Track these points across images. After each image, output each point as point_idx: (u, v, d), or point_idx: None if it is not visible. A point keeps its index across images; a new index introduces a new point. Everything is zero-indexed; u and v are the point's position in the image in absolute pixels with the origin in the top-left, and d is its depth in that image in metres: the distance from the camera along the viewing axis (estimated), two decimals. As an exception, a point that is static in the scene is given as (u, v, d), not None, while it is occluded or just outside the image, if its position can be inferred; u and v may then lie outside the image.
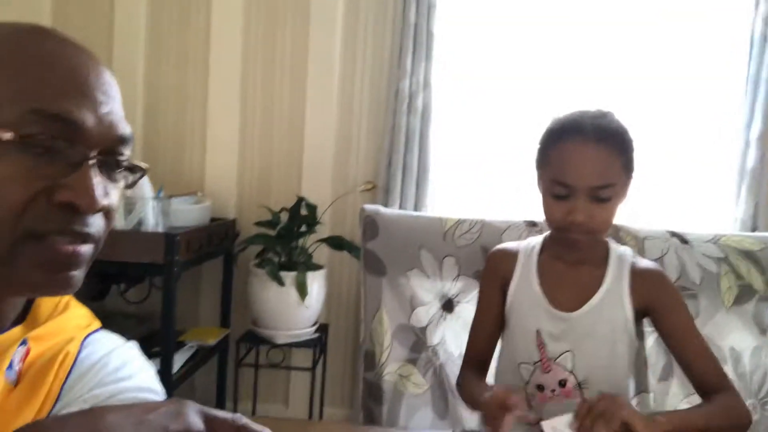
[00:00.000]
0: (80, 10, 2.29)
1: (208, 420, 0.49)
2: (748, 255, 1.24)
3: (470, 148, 2.27)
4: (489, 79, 2.24)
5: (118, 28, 2.29)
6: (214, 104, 2.31)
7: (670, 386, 1.20)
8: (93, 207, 0.50)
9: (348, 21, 2.26)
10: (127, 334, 0.66)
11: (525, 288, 1.04)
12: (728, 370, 1.19)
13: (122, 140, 0.54)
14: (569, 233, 0.97)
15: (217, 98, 2.31)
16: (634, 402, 1.16)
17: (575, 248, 1.00)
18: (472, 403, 1.01)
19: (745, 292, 1.21)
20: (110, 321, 0.67)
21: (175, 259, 1.74)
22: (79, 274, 0.52)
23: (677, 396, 1.17)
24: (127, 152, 0.55)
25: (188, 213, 2.01)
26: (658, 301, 1.02)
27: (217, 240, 2.09)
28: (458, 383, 1.10)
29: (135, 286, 2.22)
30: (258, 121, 2.31)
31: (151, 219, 1.81)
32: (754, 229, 2.11)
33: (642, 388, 1.18)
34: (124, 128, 0.54)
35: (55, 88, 0.50)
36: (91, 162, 0.51)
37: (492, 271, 1.10)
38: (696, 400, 1.08)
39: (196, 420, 0.48)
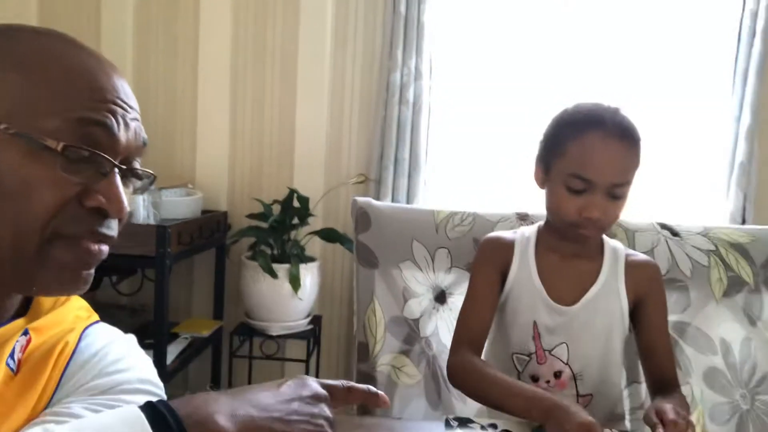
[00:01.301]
0: (66, 2, 2.26)
1: (324, 387, 0.55)
2: (738, 247, 1.25)
3: (462, 140, 2.27)
4: (481, 70, 2.24)
5: (105, 20, 2.26)
6: (204, 96, 2.30)
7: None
8: (122, 213, 0.54)
9: (338, 12, 2.25)
10: (120, 325, 0.67)
11: (524, 280, 1.04)
12: (718, 360, 1.20)
13: (143, 146, 0.58)
14: (581, 229, 0.96)
15: (207, 90, 2.29)
16: (625, 393, 1.17)
17: (581, 243, 1.01)
18: (489, 392, 0.93)
19: (734, 284, 1.23)
20: (103, 313, 0.67)
21: (166, 251, 1.74)
22: (92, 273, 0.55)
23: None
24: (140, 158, 0.58)
25: (179, 205, 2.00)
26: (649, 294, 1.03)
27: (208, 232, 2.08)
28: (455, 366, 1.01)
29: (127, 278, 2.21)
30: (248, 113, 2.30)
31: (143, 211, 1.81)
32: (743, 222, 2.13)
33: (633, 379, 1.19)
34: (144, 135, 0.58)
35: (94, 97, 0.52)
36: (117, 170, 0.54)
37: (489, 257, 1.07)
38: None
39: (318, 387, 0.54)
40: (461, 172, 2.28)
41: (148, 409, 0.45)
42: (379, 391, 0.58)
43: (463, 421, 0.87)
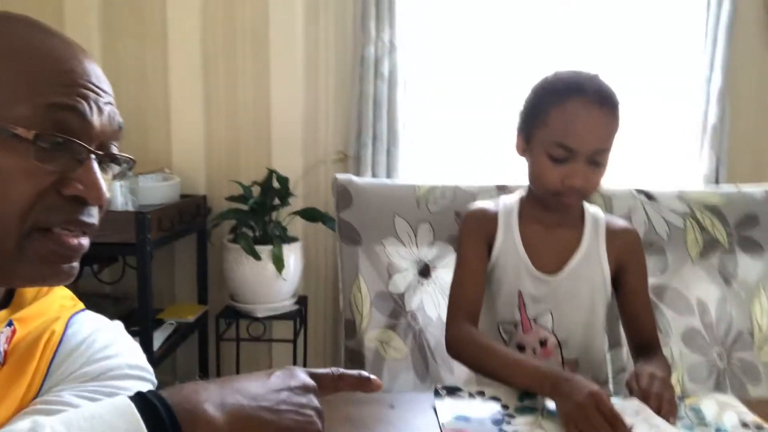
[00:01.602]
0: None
1: (313, 376, 0.55)
2: (712, 209, 1.28)
3: (440, 113, 2.26)
4: (455, 42, 2.22)
5: (68, 1, 2.19)
6: (176, 78, 2.25)
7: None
8: (101, 201, 0.53)
9: (309, -14, 2.21)
10: (104, 314, 0.67)
11: (509, 250, 1.05)
12: (696, 321, 1.24)
13: (119, 130, 0.57)
14: (563, 197, 0.96)
15: (179, 72, 2.24)
16: (608, 357, 1.20)
17: (563, 212, 1.02)
18: (490, 365, 0.94)
19: (709, 245, 1.26)
20: (86, 302, 0.67)
21: (147, 238, 1.72)
22: (77, 265, 0.55)
23: (647, 347, 1.21)
24: (117, 142, 0.57)
25: (157, 191, 1.98)
26: (630, 260, 1.05)
27: (188, 217, 2.06)
28: (454, 339, 1.01)
29: (108, 267, 2.19)
30: (222, 94, 2.26)
31: (120, 198, 1.78)
32: (716, 183, 2.18)
33: (615, 342, 1.22)
34: (119, 119, 0.57)
35: (64, 82, 0.51)
36: (95, 156, 0.53)
37: (475, 228, 1.07)
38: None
39: (306, 378, 0.54)
40: (440, 145, 2.28)
41: (139, 399, 0.45)
42: (372, 375, 0.58)
43: (452, 390, 0.89)
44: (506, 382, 0.90)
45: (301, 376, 0.54)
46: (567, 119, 0.93)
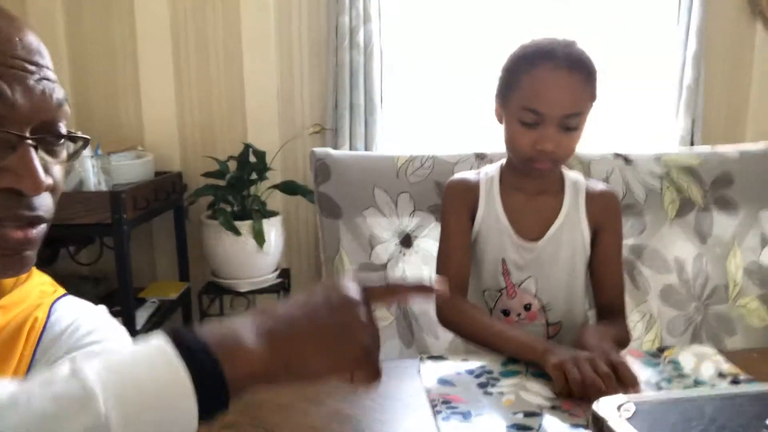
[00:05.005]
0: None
1: (363, 287, 0.50)
2: (688, 170, 1.29)
3: (417, 83, 2.24)
4: (431, 10, 2.19)
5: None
6: (145, 52, 2.18)
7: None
8: (38, 189, 0.48)
9: (280, -46, 2.14)
10: (84, 296, 0.65)
11: (491, 219, 1.05)
12: (673, 278, 1.27)
13: (58, 107, 0.50)
14: (535, 163, 0.97)
15: (147, 46, 2.18)
16: (589, 315, 1.23)
17: (538, 177, 1.02)
18: (481, 336, 0.95)
19: (685, 205, 1.28)
20: (64, 285, 0.66)
21: (123, 218, 1.69)
22: (32, 254, 0.51)
23: (628, 307, 1.24)
24: (64, 120, 0.52)
25: (131, 169, 1.94)
26: (607, 222, 1.06)
27: (164, 194, 2.03)
28: (444, 310, 1.02)
29: (85, 248, 2.15)
30: (193, 68, 2.21)
31: (92, 178, 1.74)
32: (691, 144, 2.21)
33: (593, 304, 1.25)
34: (58, 93, 0.50)
35: None
36: (29, 141, 0.47)
37: (457, 199, 1.08)
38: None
39: (349, 290, 0.49)
40: (418, 115, 2.27)
41: (175, 337, 0.42)
42: (428, 283, 0.54)
43: (437, 359, 0.90)
44: (497, 351, 0.91)
45: (343, 289, 0.49)
46: (534, 83, 0.94)
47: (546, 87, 0.93)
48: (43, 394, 0.38)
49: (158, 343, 0.42)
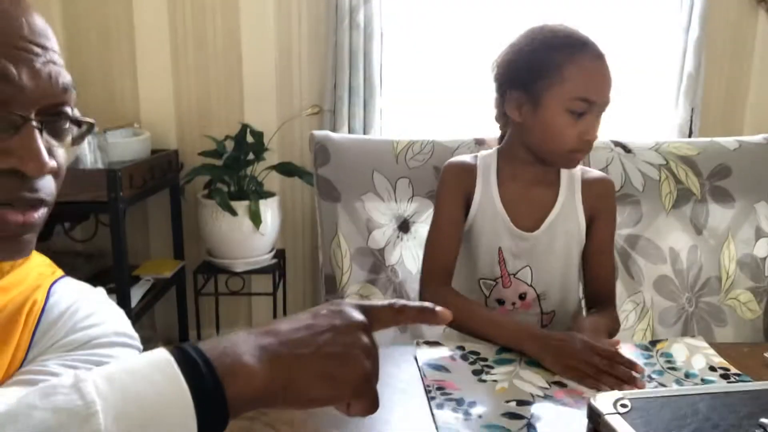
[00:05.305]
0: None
1: (366, 311, 0.50)
2: (686, 160, 1.29)
3: (417, 65, 2.22)
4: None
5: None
6: (141, 29, 2.15)
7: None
8: (41, 171, 0.47)
9: (280, -70, 2.11)
10: (78, 272, 0.65)
11: (487, 206, 1.05)
12: (667, 269, 1.27)
13: (64, 91, 0.50)
14: (578, 153, 0.98)
15: (144, 22, 2.15)
16: (582, 303, 1.24)
17: (566, 167, 1.03)
18: (470, 324, 0.96)
19: (683, 196, 1.28)
20: (58, 261, 0.65)
21: (119, 196, 1.68)
22: (31, 238, 0.51)
23: (621, 296, 1.25)
24: (70, 105, 0.51)
25: (127, 146, 1.93)
26: (602, 210, 1.07)
27: (160, 173, 2.02)
28: (430, 299, 1.03)
29: (80, 224, 2.15)
30: (190, 46, 2.18)
31: (89, 155, 1.73)
32: (690, 134, 2.20)
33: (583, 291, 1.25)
34: (65, 78, 0.50)
35: None
36: (34, 123, 0.47)
37: (453, 182, 1.07)
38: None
39: (354, 314, 0.49)
40: (417, 98, 2.25)
41: (177, 352, 0.43)
42: (437, 307, 0.54)
43: (432, 344, 0.91)
44: (487, 339, 0.92)
45: (348, 312, 0.49)
46: (583, 72, 0.94)
47: (595, 75, 0.95)
48: (43, 406, 0.38)
49: (162, 358, 0.42)
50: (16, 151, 0.46)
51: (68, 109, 0.51)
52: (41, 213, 0.50)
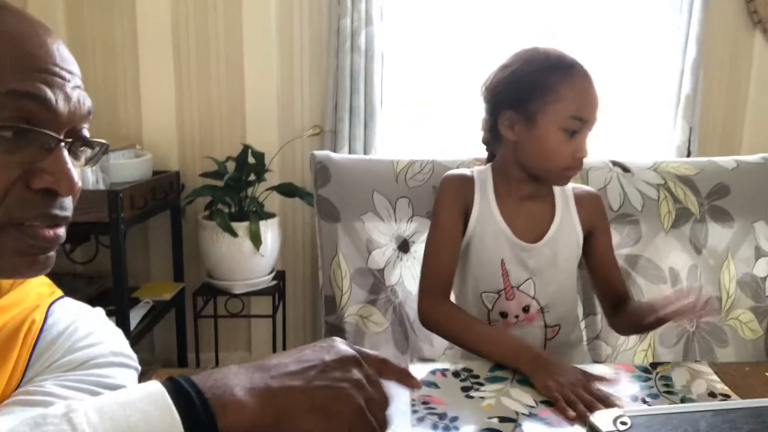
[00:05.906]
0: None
1: (357, 352, 0.52)
2: (685, 180, 1.30)
3: (417, 87, 2.25)
4: (432, 14, 2.20)
5: (30, -30, 2.10)
6: (145, 51, 2.18)
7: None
8: (73, 191, 0.50)
9: (282, -44, 2.15)
10: (78, 294, 0.65)
11: (487, 218, 1.06)
12: (667, 289, 1.27)
13: (88, 115, 0.53)
14: (571, 170, 1.00)
15: (148, 45, 2.18)
16: (583, 324, 1.23)
17: (559, 184, 1.05)
18: (467, 340, 0.97)
19: (682, 216, 1.28)
20: (59, 282, 0.65)
21: (120, 217, 1.69)
22: (54, 255, 0.53)
23: (622, 316, 1.24)
24: (87, 127, 0.54)
25: (129, 168, 1.94)
26: (598, 222, 1.10)
27: (161, 194, 2.03)
28: (428, 314, 1.03)
29: (81, 246, 2.15)
30: (193, 68, 2.21)
31: (91, 176, 1.74)
32: (688, 154, 2.22)
33: (590, 311, 1.25)
34: (89, 102, 0.53)
35: (22, 67, 0.47)
36: (63, 144, 0.50)
37: (452, 195, 1.07)
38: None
39: (345, 349, 0.51)
40: (417, 119, 2.27)
41: (170, 384, 0.44)
42: (413, 375, 0.57)
43: (426, 362, 0.91)
44: (484, 355, 0.92)
45: (339, 348, 0.51)
46: (577, 91, 0.97)
47: (587, 94, 0.98)
48: None
49: (154, 390, 0.42)
50: (50, 171, 0.49)
51: (86, 131, 0.54)
52: (64, 230, 0.53)
